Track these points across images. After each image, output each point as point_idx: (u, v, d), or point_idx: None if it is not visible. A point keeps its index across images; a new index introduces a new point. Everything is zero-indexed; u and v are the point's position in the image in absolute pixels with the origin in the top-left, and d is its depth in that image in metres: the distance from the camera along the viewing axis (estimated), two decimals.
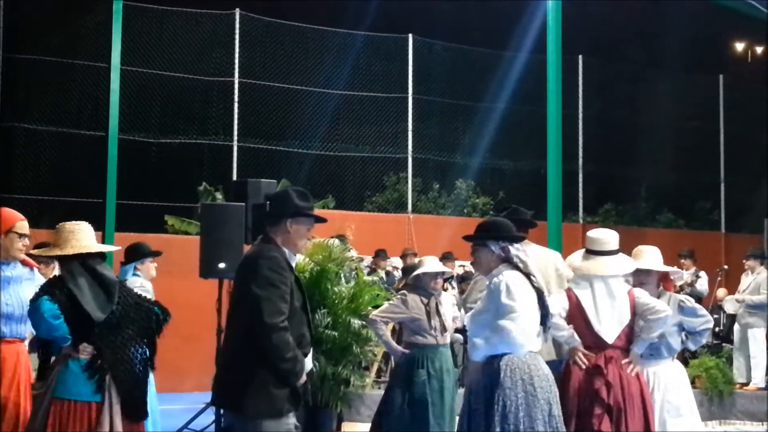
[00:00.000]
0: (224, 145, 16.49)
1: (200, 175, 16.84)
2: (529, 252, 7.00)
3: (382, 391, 11.24)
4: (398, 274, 13.12)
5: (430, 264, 7.92)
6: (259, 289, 4.84)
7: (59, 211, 15.46)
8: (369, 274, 11.64)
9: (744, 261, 13.03)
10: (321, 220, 5.31)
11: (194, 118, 17.29)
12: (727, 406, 12.14)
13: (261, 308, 4.80)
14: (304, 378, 4.98)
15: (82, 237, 5.37)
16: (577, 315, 5.94)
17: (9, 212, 5.80)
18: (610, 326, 5.88)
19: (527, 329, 5.28)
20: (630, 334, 5.93)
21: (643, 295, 5.96)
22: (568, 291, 6.06)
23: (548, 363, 6.62)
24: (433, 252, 13.89)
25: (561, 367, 7.15)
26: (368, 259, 13.23)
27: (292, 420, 4.96)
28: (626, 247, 6.27)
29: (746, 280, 12.96)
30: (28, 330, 5.70)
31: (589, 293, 5.92)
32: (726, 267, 14.49)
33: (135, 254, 8.07)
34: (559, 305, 5.96)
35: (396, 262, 13.82)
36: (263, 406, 4.84)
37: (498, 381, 5.23)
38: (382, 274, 12.87)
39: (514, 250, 5.42)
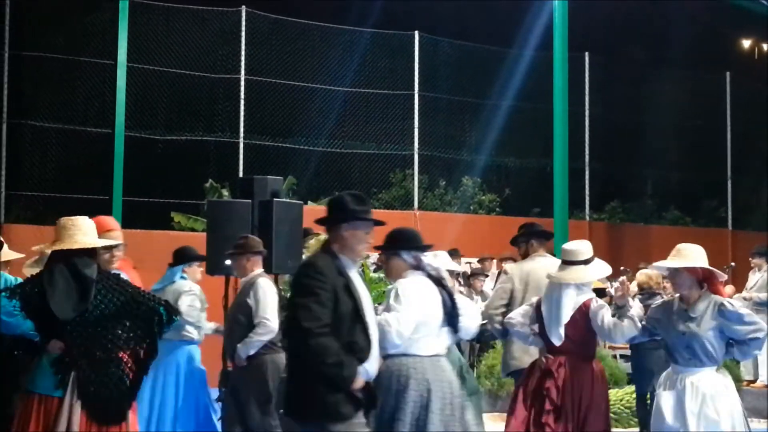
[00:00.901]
0: (230, 142, 16.50)
1: (206, 172, 16.85)
2: (537, 265, 7.39)
3: None
4: None
5: (441, 260, 7.92)
6: (297, 297, 4.91)
7: (66, 208, 15.48)
8: (375, 270, 11.64)
9: (750, 259, 13.01)
10: (379, 223, 5.24)
11: (200, 115, 17.29)
12: None
13: (298, 315, 4.83)
14: (360, 382, 4.90)
15: (75, 233, 5.32)
16: (540, 321, 6.43)
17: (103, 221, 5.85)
18: (555, 326, 6.31)
19: (403, 330, 5.31)
20: (584, 338, 6.32)
21: (595, 306, 6.30)
22: (538, 300, 6.56)
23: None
24: (439, 249, 13.91)
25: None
26: (374, 256, 13.22)
27: (357, 421, 4.93)
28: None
29: (753, 278, 12.94)
30: None
31: (551, 300, 6.37)
32: (733, 264, 14.43)
33: (183, 257, 8.18)
34: (519, 315, 6.56)
35: None
36: (319, 411, 4.86)
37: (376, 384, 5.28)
38: None
39: (426, 258, 5.65)
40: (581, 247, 6.46)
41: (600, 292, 7.66)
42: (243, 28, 16.59)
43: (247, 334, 7.55)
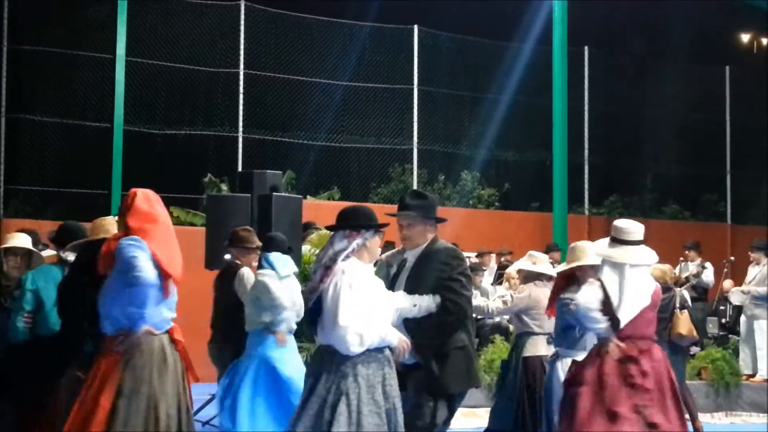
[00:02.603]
0: (229, 137, 16.48)
1: (205, 166, 16.84)
2: None
3: None
4: None
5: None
6: (460, 276, 5.65)
7: (65, 203, 15.49)
8: (376, 265, 11.62)
9: (749, 253, 13.00)
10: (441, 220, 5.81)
11: (199, 109, 17.27)
12: (733, 398, 12.13)
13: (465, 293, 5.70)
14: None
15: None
16: (605, 304, 5.99)
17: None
18: (628, 311, 5.93)
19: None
20: (652, 321, 6.12)
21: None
22: (600, 283, 6.08)
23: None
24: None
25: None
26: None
27: None
28: None
29: (752, 272, 12.94)
30: None
31: (617, 281, 5.97)
32: (732, 258, 14.45)
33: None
34: (596, 299, 6.01)
35: None
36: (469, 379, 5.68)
37: None
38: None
39: (357, 238, 5.18)
40: (637, 228, 6.12)
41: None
42: (242, 22, 16.56)
43: None
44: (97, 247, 5.54)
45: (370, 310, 4.93)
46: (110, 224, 5.86)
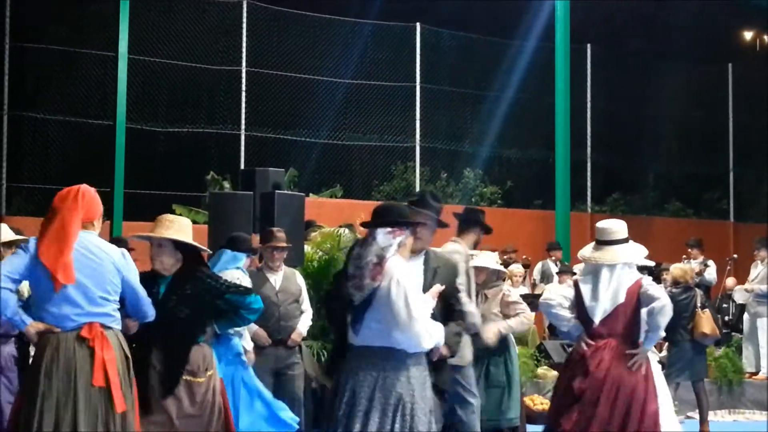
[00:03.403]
0: (232, 134, 16.48)
1: (208, 164, 16.84)
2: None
3: None
4: None
5: (483, 259, 7.81)
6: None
7: None
8: None
9: (755, 251, 12.98)
10: (443, 225, 5.85)
11: (202, 107, 17.27)
12: (737, 396, 12.13)
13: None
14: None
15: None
16: (579, 304, 6.09)
17: None
18: (600, 308, 5.99)
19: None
20: (631, 324, 6.01)
21: (650, 286, 6.04)
22: (575, 281, 6.22)
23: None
24: (439, 241, 13.88)
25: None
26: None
27: None
28: (633, 237, 6.31)
29: (755, 270, 12.92)
30: None
31: (591, 283, 6.06)
32: (735, 256, 14.46)
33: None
34: (559, 296, 6.17)
35: None
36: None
37: None
38: None
39: (377, 234, 4.98)
40: (617, 227, 6.18)
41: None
42: (244, 20, 16.56)
43: None
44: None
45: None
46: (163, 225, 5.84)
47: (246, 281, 7.38)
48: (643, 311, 6.03)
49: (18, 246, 5.42)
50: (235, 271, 7.51)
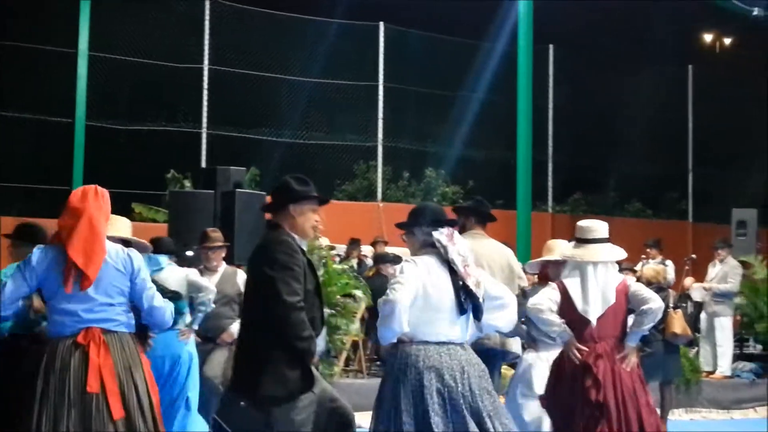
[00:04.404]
0: (193, 133, 16.39)
1: (169, 162, 16.72)
2: (484, 245, 7.03)
3: (350, 380, 11.29)
4: (370, 262, 13.12)
5: None
6: (274, 272, 4.92)
7: (25, 198, 15.34)
8: (341, 262, 11.63)
9: (716, 250, 13.11)
10: (324, 201, 5.38)
11: (163, 105, 17.16)
12: (694, 394, 12.24)
13: (278, 289, 4.87)
14: (316, 359, 5.08)
15: None
16: (567, 305, 5.92)
17: None
18: (595, 308, 5.87)
19: (402, 299, 5.01)
20: (623, 325, 5.92)
21: (637, 286, 6.01)
22: (559, 283, 6.03)
23: (490, 351, 6.66)
24: (403, 241, 13.91)
25: (508, 359, 7.21)
26: (341, 248, 13.22)
27: (304, 400, 4.98)
28: None
29: (713, 270, 13.06)
30: None
31: (578, 281, 5.93)
32: (694, 256, 14.58)
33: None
34: (548, 299, 5.95)
35: (366, 250, 13.81)
36: (276, 387, 4.89)
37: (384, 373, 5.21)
38: (354, 262, 12.85)
39: (437, 234, 5.21)
40: (599, 226, 6.09)
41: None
42: (207, 17, 16.48)
43: None
44: None
45: None
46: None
47: (198, 280, 7.49)
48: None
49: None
50: (189, 269, 7.56)
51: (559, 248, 6.52)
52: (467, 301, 5.17)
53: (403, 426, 4.96)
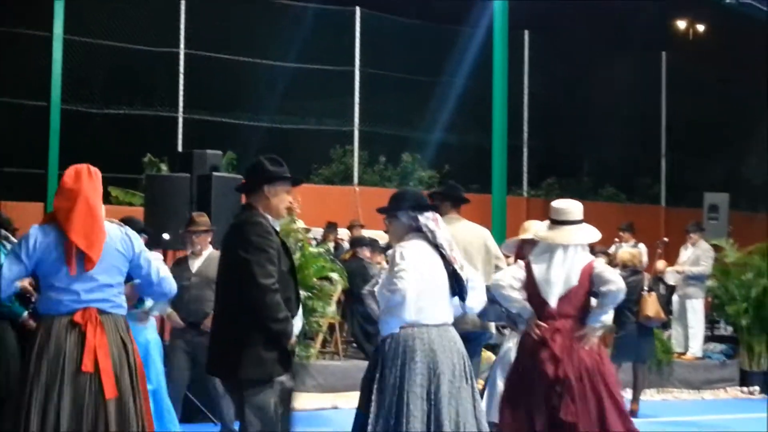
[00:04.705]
0: (169, 117, 16.36)
1: (145, 146, 16.69)
2: (456, 228, 7.11)
3: (327, 362, 11.38)
4: (347, 245, 13.19)
5: None
6: (249, 254, 4.93)
7: (2, 182, 15.27)
8: (318, 245, 11.69)
9: (688, 233, 13.28)
10: (298, 182, 5.42)
11: (139, 88, 17.10)
12: (665, 375, 12.43)
13: (253, 271, 4.89)
14: (294, 339, 5.09)
15: None
16: (529, 284, 5.98)
17: None
18: (555, 289, 5.91)
19: (416, 298, 5.15)
20: (585, 305, 5.94)
21: (601, 267, 5.99)
22: (526, 262, 6.08)
23: (469, 334, 6.76)
24: (380, 224, 13.98)
25: (485, 339, 7.29)
26: (316, 231, 13.27)
27: (280, 381, 5.03)
28: None
29: (685, 253, 13.24)
30: None
31: (545, 263, 5.95)
32: (666, 239, 14.75)
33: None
34: (510, 277, 6.02)
35: (343, 234, 13.88)
36: (254, 369, 4.92)
37: (380, 359, 5.21)
38: (331, 246, 12.92)
39: (424, 219, 5.34)
40: (573, 208, 6.10)
41: None
42: (183, 1, 16.42)
43: None
44: None
45: None
46: None
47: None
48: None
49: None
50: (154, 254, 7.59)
51: (534, 228, 6.53)
52: (456, 284, 5.32)
53: (412, 409, 5.03)
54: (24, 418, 4.69)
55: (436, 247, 5.31)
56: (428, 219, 5.36)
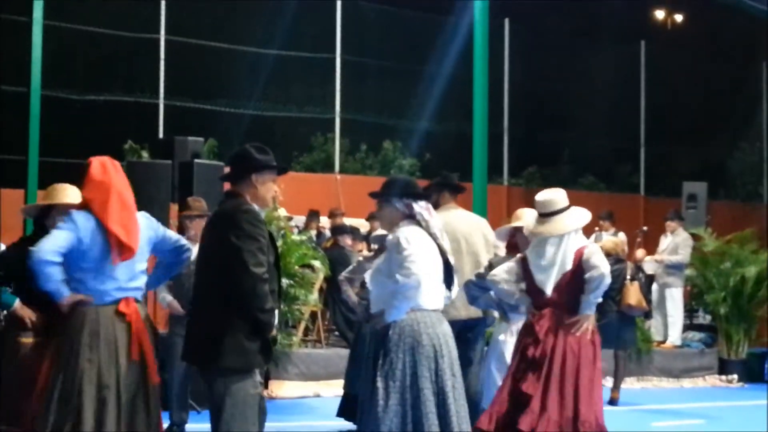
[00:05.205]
0: (150, 104, 16.28)
1: (126, 133, 16.59)
2: (456, 217, 7.28)
3: (309, 350, 11.39)
4: (329, 233, 13.19)
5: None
6: (241, 242, 4.87)
7: None
8: (300, 233, 11.69)
9: (668, 222, 13.36)
10: (284, 170, 5.40)
11: (119, 74, 17.01)
12: (645, 363, 12.52)
13: (245, 259, 4.83)
14: (274, 331, 5.09)
15: None
16: (527, 277, 6.08)
17: None
18: (550, 278, 5.98)
19: (422, 282, 5.25)
20: (575, 290, 5.98)
21: (591, 253, 6.00)
22: (522, 256, 6.17)
23: (468, 322, 6.83)
24: (361, 212, 13.98)
25: (485, 326, 7.36)
26: (298, 219, 13.27)
27: (258, 377, 5.01)
28: None
29: (665, 241, 13.33)
30: None
31: (540, 254, 6.02)
32: (645, 228, 14.85)
33: None
34: (503, 272, 6.12)
35: (324, 221, 13.88)
36: (235, 359, 4.88)
37: (384, 343, 5.27)
38: (313, 233, 12.92)
39: (418, 207, 5.42)
40: (557, 197, 6.15)
41: None
42: None
43: None
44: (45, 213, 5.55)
45: None
46: (61, 191, 5.72)
47: None
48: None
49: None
50: None
51: (525, 216, 6.58)
52: (446, 273, 5.45)
53: (423, 391, 5.15)
54: (75, 411, 4.78)
55: (430, 235, 5.38)
56: (422, 208, 5.44)
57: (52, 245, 4.83)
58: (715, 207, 16.33)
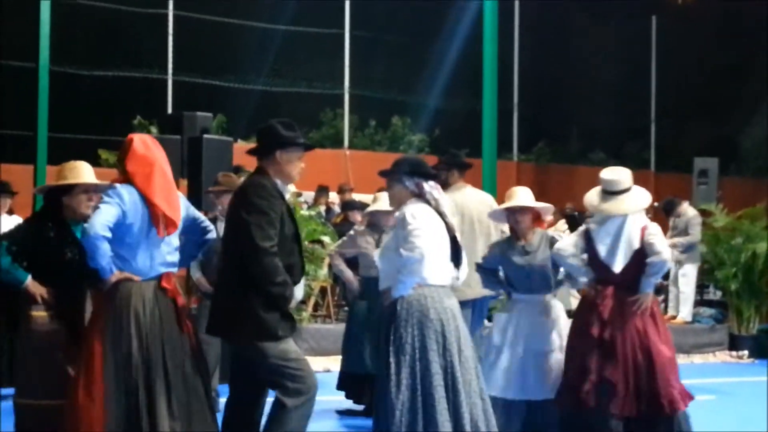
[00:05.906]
0: (159, 79, 16.26)
1: (135, 108, 16.59)
2: (468, 197, 7.31)
3: (318, 326, 11.40)
4: (338, 209, 13.18)
5: (384, 201, 7.86)
6: (248, 215, 4.92)
7: None
8: (309, 208, 11.68)
9: (669, 219, 13.27)
10: (310, 147, 5.40)
11: (128, 50, 16.97)
12: None
13: (251, 233, 4.87)
14: (294, 304, 5.09)
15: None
16: (592, 252, 6.12)
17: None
18: (618, 257, 6.04)
19: (430, 257, 5.27)
20: (638, 268, 6.01)
21: (653, 233, 6.05)
22: (585, 230, 6.21)
23: (469, 301, 6.80)
24: (370, 188, 13.96)
25: (487, 302, 7.36)
26: (307, 195, 13.26)
27: (285, 345, 5.01)
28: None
29: (674, 222, 13.23)
30: None
31: (605, 230, 6.07)
32: (656, 204, 14.78)
33: None
34: (571, 246, 6.17)
35: (333, 197, 13.87)
36: (253, 330, 4.92)
37: (394, 319, 5.29)
38: (322, 209, 12.91)
39: (428, 187, 5.45)
40: (623, 177, 6.20)
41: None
42: None
43: None
44: (61, 192, 5.48)
45: None
46: (84, 169, 5.62)
47: None
48: None
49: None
50: None
51: (519, 195, 6.46)
52: (454, 251, 5.45)
53: (432, 365, 5.18)
54: (132, 392, 4.81)
55: (439, 213, 5.41)
56: (432, 187, 5.46)
57: (104, 220, 4.82)
58: (726, 183, 16.25)
